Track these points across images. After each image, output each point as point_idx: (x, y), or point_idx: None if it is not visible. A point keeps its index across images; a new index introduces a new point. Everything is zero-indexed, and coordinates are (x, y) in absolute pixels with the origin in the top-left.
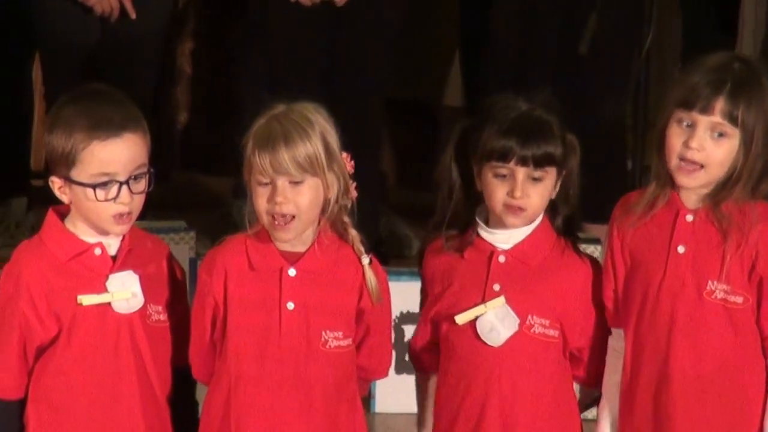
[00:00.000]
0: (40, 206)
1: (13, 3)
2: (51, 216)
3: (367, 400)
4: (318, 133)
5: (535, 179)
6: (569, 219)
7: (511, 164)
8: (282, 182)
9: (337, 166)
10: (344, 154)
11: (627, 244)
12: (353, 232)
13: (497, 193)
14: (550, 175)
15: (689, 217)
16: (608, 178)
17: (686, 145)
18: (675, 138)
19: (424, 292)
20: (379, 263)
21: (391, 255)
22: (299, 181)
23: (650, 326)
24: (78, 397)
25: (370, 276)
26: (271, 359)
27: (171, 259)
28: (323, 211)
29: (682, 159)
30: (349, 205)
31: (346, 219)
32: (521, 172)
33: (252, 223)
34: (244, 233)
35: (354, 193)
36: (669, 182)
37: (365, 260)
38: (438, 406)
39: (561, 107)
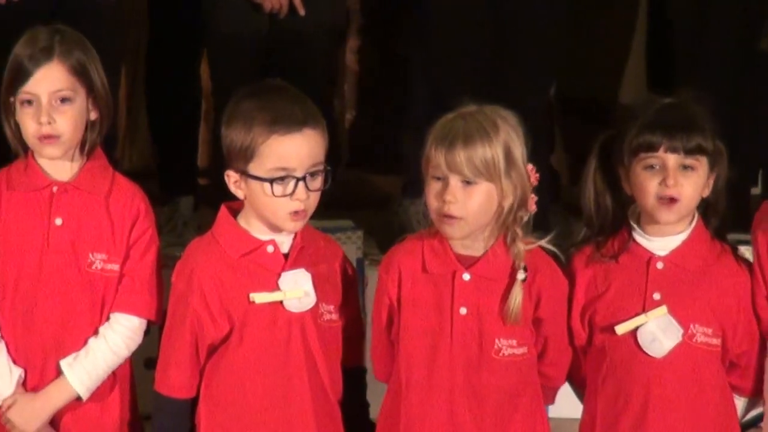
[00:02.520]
0: (206, 205)
1: (180, 2)
2: (223, 212)
3: None
4: (501, 138)
5: (686, 167)
6: (719, 228)
7: (661, 152)
8: (455, 181)
9: (517, 175)
10: (529, 166)
11: None
12: (520, 246)
13: (649, 185)
14: (702, 164)
15: None
16: None
17: None
18: None
19: (570, 303)
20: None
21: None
22: (472, 183)
23: None
24: (249, 396)
25: (515, 295)
26: (441, 365)
27: (344, 260)
28: (497, 217)
29: None
30: (525, 218)
31: (518, 230)
32: (672, 159)
33: (427, 220)
34: (422, 232)
35: (533, 207)
36: None
37: (520, 276)
38: (591, 416)
39: (712, 109)
